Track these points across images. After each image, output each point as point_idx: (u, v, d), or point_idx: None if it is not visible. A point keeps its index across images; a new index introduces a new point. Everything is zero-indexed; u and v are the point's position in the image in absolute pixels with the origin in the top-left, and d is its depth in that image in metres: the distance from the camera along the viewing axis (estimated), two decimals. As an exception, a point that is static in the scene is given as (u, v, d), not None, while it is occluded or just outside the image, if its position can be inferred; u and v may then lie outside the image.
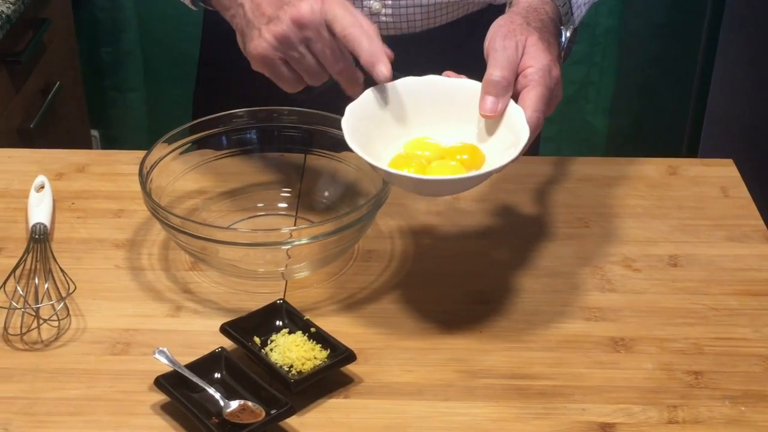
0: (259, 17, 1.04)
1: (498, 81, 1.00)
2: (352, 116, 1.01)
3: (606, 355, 1.03)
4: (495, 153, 1.01)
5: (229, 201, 1.23)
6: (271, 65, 1.05)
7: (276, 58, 1.04)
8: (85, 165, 1.32)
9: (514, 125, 0.99)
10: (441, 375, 1.00)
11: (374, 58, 1.01)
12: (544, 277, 1.14)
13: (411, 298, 1.10)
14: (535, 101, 1.00)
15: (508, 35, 1.03)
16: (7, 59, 1.95)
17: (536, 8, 1.09)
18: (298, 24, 1.01)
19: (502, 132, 1.01)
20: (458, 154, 1.02)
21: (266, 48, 1.04)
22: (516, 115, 1.00)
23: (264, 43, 1.04)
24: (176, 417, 0.95)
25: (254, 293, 1.10)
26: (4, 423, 0.94)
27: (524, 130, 0.98)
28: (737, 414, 0.97)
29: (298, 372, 0.98)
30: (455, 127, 1.04)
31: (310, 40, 1.02)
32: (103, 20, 2.56)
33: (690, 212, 1.25)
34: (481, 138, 1.03)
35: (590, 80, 2.60)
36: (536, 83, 1.01)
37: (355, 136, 0.99)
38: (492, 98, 1.00)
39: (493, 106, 1.00)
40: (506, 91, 1.01)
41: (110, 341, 1.04)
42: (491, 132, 1.02)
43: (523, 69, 1.02)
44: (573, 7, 1.16)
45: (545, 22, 1.08)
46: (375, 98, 1.04)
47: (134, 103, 2.67)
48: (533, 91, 1.00)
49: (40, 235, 1.14)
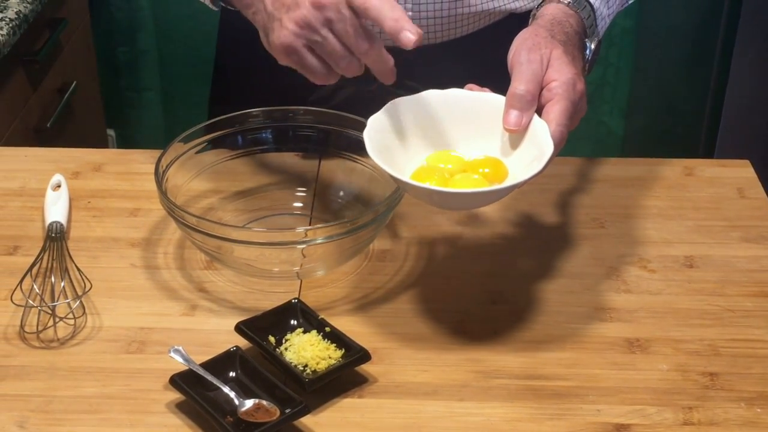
0: (280, 8, 1.02)
1: (522, 95, 0.99)
2: (373, 128, 1.01)
3: (621, 356, 1.03)
4: (518, 167, 1.01)
5: (245, 200, 1.23)
6: (297, 54, 1.02)
7: (300, 46, 1.01)
8: (101, 164, 1.33)
9: (538, 139, 0.99)
10: (456, 375, 1.00)
11: (399, 24, 0.97)
12: (560, 278, 1.13)
13: (425, 299, 1.10)
14: (559, 115, 0.99)
15: (533, 48, 1.02)
16: (25, 59, 1.96)
17: (561, 21, 1.08)
18: (317, 6, 0.99)
19: (526, 146, 1.00)
20: (481, 168, 1.01)
21: (288, 36, 1.01)
22: (540, 129, 0.99)
23: (285, 31, 1.01)
24: (191, 415, 0.95)
25: (269, 292, 1.10)
26: (21, 421, 0.95)
27: (548, 144, 0.97)
28: (753, 416, 0.96)
29: (313, 371, 0.98)
30: (478, 141, 1.04)
31: (331, 22, 0.99)
32: (120, 20, 2.57)
33: (706, 213, 1.25)
34: (505, 152, 1.03)
35: (606, 81, 2.60)
36: (560, 97, 1.00)
37: (377, 148, 0.98)
38: (516, 112, 0.99)
39: (518, 120, 0.99)
40: (531, 105, 1.00)
41: (126, 340, 1.04)
42: (515, 146, 1.02)
43: (548, 82, 1.01)
44: (597, 19, 1.14)
45: (570, 35, 1.07)
46: (397, 110, 1.03)
47: (150, 103, 2.68)
48: (557, 105, 0.99)
49: (56, 234, 1.15)
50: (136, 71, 2.63)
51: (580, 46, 1.09)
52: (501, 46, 1.05)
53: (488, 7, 1.30)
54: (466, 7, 1.29)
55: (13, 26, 1.84)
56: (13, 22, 1.84)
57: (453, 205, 1.07)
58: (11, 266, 1.14)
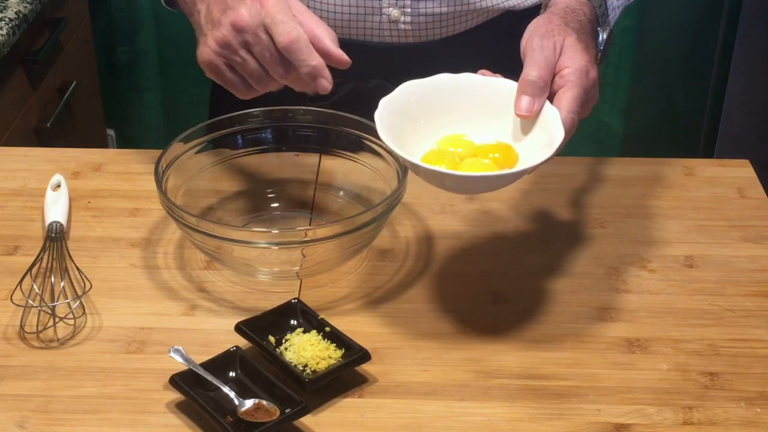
0: (208, 23, 1.04)
1: (535, 81, 0.99)
2: (385, 109, 1.00)
3: (621, 356, 1.03)
4: (529, 153, 1.00)
5: (245, 200, 1.23)
6: (217, 71, 1.04)
7: (220, 64, 1.04)
8: (101, 164, 1.33)
9: (549, 126, 0.99)
10: (456, 375, 1.00)
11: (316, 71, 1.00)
12: (560, 278, 1.13)
13: (426, 298, 1.10)
14: (571, 102, 0.99)
15: (546, 35, 1.02)
16: (25, 58, 1.96)
17: (574, 9, 1.09)
18: (237, 28, 1.01)
19: (537, 132, 1.00)
20: (491, 153, 1.01)
21: (210, 54, 1.03)
22: (551, 115, 0.99)
23: (207, 49, 1.03)
24: (191, 415, 0.95)
25: (269, 292, 1.10)
26: (20, 420, 0.95)
27: (559, 131, 0.97)
28: (753, 415, 0.96)
29: (313, 371, 0.98)
30: (490, 126, 1.04)
31: (250, 44, 1.01)
32: (120, 20, 2.57)
33: (706, 213, 1.25)
34: (516, 137, 1.03)
35: (606, 80, 2.60)
36: (573, 84, 1.00)
37: (388, 129, 0.98)
38: (528, 98, 0.99)
39: (529, 106, 0.99)
40: (542, 92, 1.00)
41: (126, 340, 1.04)
42: (526, 132, 1.02)
43: (560, 69, 1.01)
44: (608, 9, 1.15)
45: (583, 23, 1.07)
46: (410, 93, 1.03)
47: (150, 103, 2.68)
48: (569, 92, 0.99)
49: (56, 234, 1.15)
50: (137, 71, 2.63)
51: (593, 35, 1.09)
52: (498, 43, 1.05)
53: (486, 5, 1.30)
54: (464, 4, 1.29)
55: (13, 26, 1.84)
56: (13, 22, 1.84)
57: (461, 188, 1.06)
58: (11, 266, 1.14)
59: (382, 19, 1.29)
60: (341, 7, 1.28)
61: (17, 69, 1.94)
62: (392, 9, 1.28)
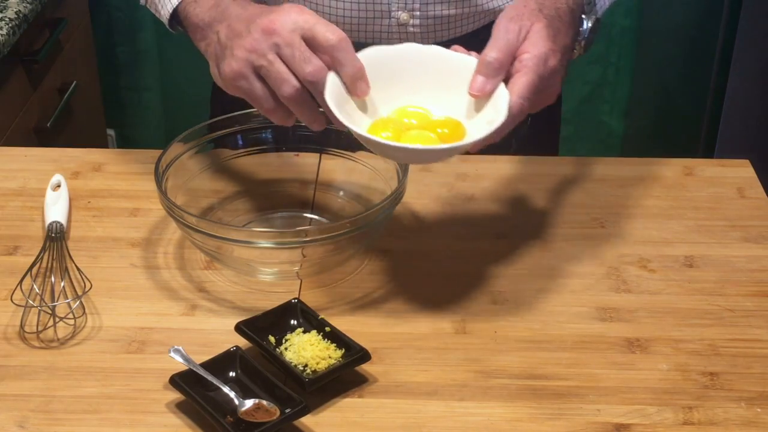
0: (233, 38, 1.02)
1: (491, 62, 1.00)
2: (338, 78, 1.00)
3: (621, 356, 1.03)
4: (477, 131, 1.01)
5: (245, 200, 1.23)
6: (245, 80, 1.02)
7: (249, 72, 1.01)
8: (101, 164, 1.33)
9: (498, 107, 0.99)
10: (456, 375, 1.00)
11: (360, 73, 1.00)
12: (559, 278, 1.13)
13: (426, 298, 1.10)
14: (522, 87, 0.99)
15: (514, 18, 1.03)
16: (25, 58, 1.96)
17: None
18: (267, 31, 1.00)
19: (488, 112, 1.01)
20: (440, 128, 1.02)
21: (238, 62, 1.01)
22: (502, 98, 1.00)
23: (233, 61, 1.02)
24: (191, 415, 0.95)
25: (269, 292, 1.10)
26: (21, 420, 0.95)
27: (503, 113, 0.98)
28: (753, 415, 0.96)
29: (313, 371, 0.98)
30: (446, 100, 1.04)
31: (278, 46, 1.00)
32: (120, 20, 2.57)
33: (706, 213, 1.25)
34: (469, 114, 1.03)
35: (606, 80, 2.60)
36: (528, 70, 1.00)
37: (338, 93, 0.98)
38: (482, 78, 1.00)
39: (482, 86, 1.00)
40: (497, 73, 1.00)
41: (126, 339, 1.04)
42: (478, 110, 1.02)
43: (520, 54, 1.01)
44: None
45: (561, 11, 1.07)
46: (374, 59, 1.03)
47: (150, 103, 2.68)
48: (524, 77, 1.00)
49: (56, 234, 1.15)
50: (136, 71, 2.63)
51: (572, 23, 1.09)
52: None
53: (493, 6, 1.31)
54: (472, 6, 1.30)
55: (13, 26, 1.84)
56: (13, 22, 1.84)
57: (394, 157, 1.09)
58: (11, 266, 1.14)
59: (391, 23, 1.29)
60: (350, 11, 1.28)
61: (17, 69, 1.94)
62: (401, 12, 1.28)
